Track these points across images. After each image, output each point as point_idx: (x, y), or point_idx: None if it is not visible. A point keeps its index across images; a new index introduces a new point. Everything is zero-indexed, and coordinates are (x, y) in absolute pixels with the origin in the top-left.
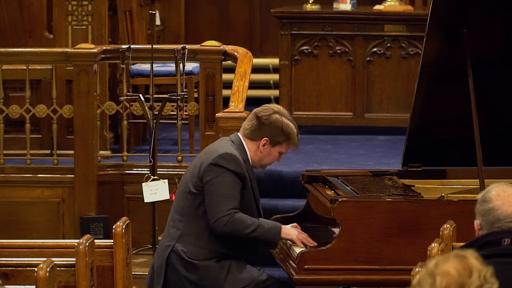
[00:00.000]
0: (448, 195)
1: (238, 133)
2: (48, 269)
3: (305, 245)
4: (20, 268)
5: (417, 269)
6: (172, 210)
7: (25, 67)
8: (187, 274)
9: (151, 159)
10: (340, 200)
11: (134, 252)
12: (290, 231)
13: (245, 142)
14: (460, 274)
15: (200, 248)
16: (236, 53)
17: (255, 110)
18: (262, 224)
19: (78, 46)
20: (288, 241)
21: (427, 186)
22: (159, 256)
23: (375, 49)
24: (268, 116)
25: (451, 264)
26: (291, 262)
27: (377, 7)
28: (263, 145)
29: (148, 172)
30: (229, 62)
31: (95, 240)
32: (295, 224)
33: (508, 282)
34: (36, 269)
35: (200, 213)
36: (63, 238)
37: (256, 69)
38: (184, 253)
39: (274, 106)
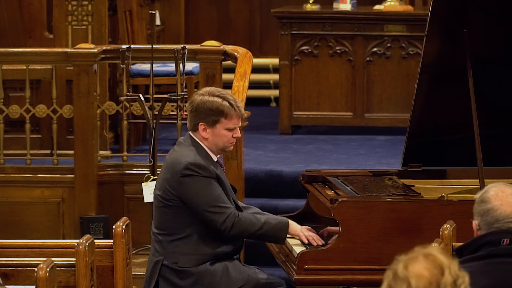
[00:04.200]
0: (448, 195)
1: (189, 133)
2: (48, 269)
3: (305, 245)
4: (20, 268)
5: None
6: (153, 224)
7: (25, 67)
8: (180, 282)
9: (151, 159)
10: (340, 200)
11: (134, 252)
12: (298, 227)
13: (195, 137)
14: (433, 274)
15: (190, 255)
16: (236, 53)
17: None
18: (269, 221)
19: (78, 46)
20: (289, 241)
21: (427, 186)
22: (151, 271)
23: (375, 49)
24: (192, 102)
25: (421, 265)
26: (291, 262)
27: (377, 7)
28: (204, 130)
29: (148, 172)
30: (229, 62)
31: (95, 240)
32: (308, 227)
33: (508, 282)
34: (36, 269)
35: (181, 222)
36: (63, 238)
37: (256, 69)
38: (175, 265)
39: (201, 89)
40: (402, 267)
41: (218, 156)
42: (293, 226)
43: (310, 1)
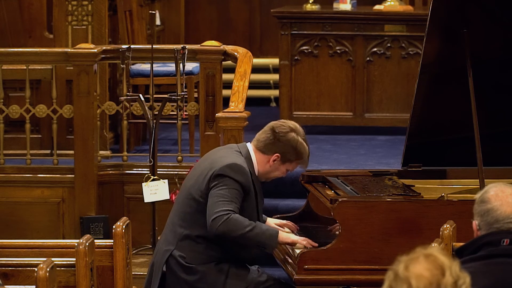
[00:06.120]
0: (448, 195)
1: (248, 144)
2: (48, 269)
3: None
4: (20, 268)
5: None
6: (173, 213)
7: (25, 67)
8: (185, 277)
9: (151, 159)
10: (340, 200)
11: (134, 252)
12: (290, 235)
13: (254, 154)
14: (433, 275)
15: (199, 253)
16: (236, 53)
17: (273, 123)
18: (259, 226)
19: (78, 46)
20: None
21: (427, 186)
22: (158, 259)
23: (375, 49)
24: (285, 133)
25: (422, 266)
26: (291, 262)
27: (377, 7)
28: (274, 160)
29: (148, 172)
30: (229, 62)
31: (95, 240)
32: (289, 222)
33: (508, 282)
34: (36, 269)
35: (202, 219)
36: (63, 238)
37: (256, 69)
38: (183, 259)
39: (291, 123)
40: (403, 267)
41: None
42: (284, 235)
43: (310, 1)
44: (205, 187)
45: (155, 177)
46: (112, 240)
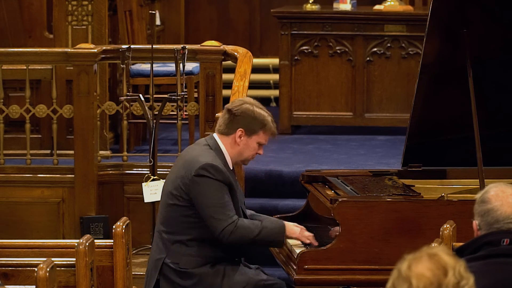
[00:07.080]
0: (448, 195)
1: (214, 134)
2: (48, 269)
3: (306, 245)
4: (20, 268)
5: None
6: (158, 219)
7: (25, 67)
8: (181, 282)
9: (151, 159)
10: (340, 200)
11: (134, 252)
12: (294, 228)
13: (221, 141)
14: (435, 274)
15: (192, 257)
16: (236, 53)
17: (226, 105)
18: (266, 225)
19: (78, 46)
20: (289, 242)
21: (427, 186)
22: (152, 269)
23: (375, 49)
24: (239, 106)
25: (424, 265)
26: (291, 262)
27: (377, 7)
28: (239, 137)
29: (148, 172)
30: (229, 62)
31: (95, 240)
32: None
33: (508, 282)
34: (36, 269)
35: (187, 222)
36: (63, 238)
37: (256, 69)
38: (176, 265)
39: (244, 98)
40: (406, 266)
41: None
42: (290, 228)
43: (310, 1)
44: (183, 190)
45: (155, 177)
46: (112, 240)
